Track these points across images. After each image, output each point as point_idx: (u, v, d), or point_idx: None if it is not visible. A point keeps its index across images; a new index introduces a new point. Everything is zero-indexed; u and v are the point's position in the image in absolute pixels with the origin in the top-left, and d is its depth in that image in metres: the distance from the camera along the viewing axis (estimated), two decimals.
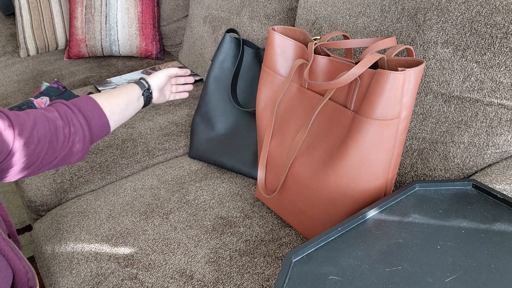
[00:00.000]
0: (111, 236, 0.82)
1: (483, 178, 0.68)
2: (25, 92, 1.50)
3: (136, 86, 0.86)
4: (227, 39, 1.01)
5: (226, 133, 1.03)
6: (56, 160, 0.70)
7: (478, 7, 0.68)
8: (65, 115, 0.71)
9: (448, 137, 0.75)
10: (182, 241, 0.79)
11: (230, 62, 1.03)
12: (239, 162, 0.97)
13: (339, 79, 0.60)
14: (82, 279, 0.74)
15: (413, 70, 0.59)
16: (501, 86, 0.68)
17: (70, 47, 1.67)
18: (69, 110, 0.72)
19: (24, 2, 1.67)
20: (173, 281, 0.72)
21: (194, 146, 1.05)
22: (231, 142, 1.02)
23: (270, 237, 0.80)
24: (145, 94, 0.86)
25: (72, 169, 1.05)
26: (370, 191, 0.66)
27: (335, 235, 0.54)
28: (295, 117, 0.74)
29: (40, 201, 1.00)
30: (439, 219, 0.55)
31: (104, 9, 1.62)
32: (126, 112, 0.83)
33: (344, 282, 0.47)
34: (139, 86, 0.86)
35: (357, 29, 0.85)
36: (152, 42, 1.66)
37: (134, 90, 0.85)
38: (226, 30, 1.02)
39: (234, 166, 0.98)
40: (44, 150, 0.67)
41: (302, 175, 0.72)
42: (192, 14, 1.47)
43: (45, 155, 0.67)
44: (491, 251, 0.50)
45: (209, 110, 1.04)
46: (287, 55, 0.74)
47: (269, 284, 0.71)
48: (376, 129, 0.61)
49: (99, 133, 0.77)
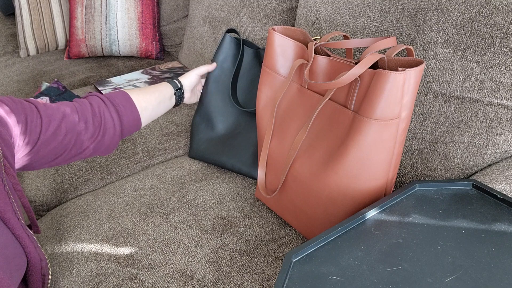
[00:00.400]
0: (111, 236, 0.82)
1: (483, 178, 0.68)
2: (25, 92, 1.50)
3: (169, 85, 0.87)
4: (227, 39, 1.01)
5: (226, 133, 1.03)
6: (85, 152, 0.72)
7: (478, 7, 0.68)
8: (98, 108, 0.73)
9: (448, 137, 0.75)
10: (182, 241, 0.79)
11: (230, 62, 1.03)
12: (239, 162, 0.97)
13: (339, 79, 0.60)
14: (82, 279, 0.74)
15: (413, 70, 0.59)
16: (501, 86, 0.68)
17: (70, 47, 1.67)
18: (102, 103, 0.74)
19: (24, 2, 1.67)
20: (173, 281, 0.72)
21: (194, 146, 1.05)
22: (231, 142, 1.01)
23: (270, 237, 0.80)
24: (177, 94, 0.88)
25: (72, 169, 1.05)
26: (370, 191, 0.66)
27: (335, 235, 0.54)
28: (295, 117, 0.74)
29: (40, 201, 1.00)
30: (439, 219, 0.55)
31: (104, 9, 1.62)
32: (158, 109, 0.84)
33: (344, 282, 0.47)
34: (172, 85, 0.88)
35: (357, 29, 0.85)
36: (152, 42, 1.66)
37: (167, 89, 0.87)
38: (226, 30, 1.02)
39: (234, 166, 0.97)
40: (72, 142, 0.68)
41: (302, 175, 0.72)
42: (192, 14, 1.47)
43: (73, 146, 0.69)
44: (491, 251, 0.50)
45: (209, 110, 1.04)
46: (287, 55, 0.74)
47: (269, 284, 0.71)
48: (376, 129, 0.61)
49: (130, 128, 0.78)
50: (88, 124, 0.70)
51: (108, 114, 0.74)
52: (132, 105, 0.78)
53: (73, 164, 1.06)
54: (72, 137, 0.68)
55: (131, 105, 0.78)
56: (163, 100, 0.85)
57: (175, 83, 0.89)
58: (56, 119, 0.66)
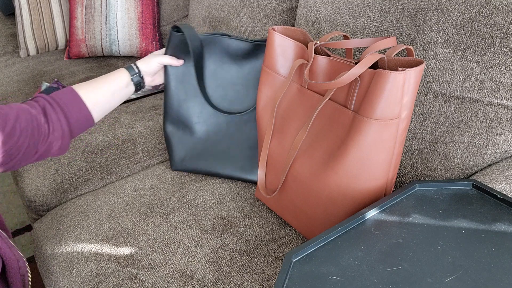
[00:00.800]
0: (111, 236, 0.82)
1: (483, 178, 0.68)
2: (25, 92, 1.50)
3: (125, 72, 0.83)
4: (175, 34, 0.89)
5: (210, 138, 0.95)
6: (37, 154, 0.70)
7: (478, 7, 0.68)
8: (44, 110, 0.70)
9: (448, 137, 0.75)
10: (182, 241, 0.79)
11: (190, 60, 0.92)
12: (236, 169, 0.93)
13: (339, 79, 0.60)
14: (82, 279, 0.74)
15: (413, 70, 0.59)
16: (501, 86, 0.68)
17: (70, 47, 1.67)
18: (48, 105, 0.71)
19: (24, 2, 1.67)
20: (173, 281, 0.72)
21: (175, 158, 0.98)
22: (219, 147, 0.95)
23: (270, 237, 0.80)
24: (134, 80, 0.84)
25: (72, 169, 1.05)
26: (370, 191, 0.66)
27: (335, 235, 0.54)
28: (295, 117, 0.74)
29: (40, 201, 1.00)
30: (439, 219, 0.55)
31: (104, 9, 1.62)
32: (113, 99, 0.81)
33: (344, 282, 0.47)
34: (129, 71, 0.84)
35: (357, 29, 0.85)
36: (152, 42, 1.66)
37: (123, 77, 0.82)
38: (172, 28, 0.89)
39: (232, 174, 0.93)
40: (25, 143, 0.66)
41: (302, 175, 0.72)
42: (192, 14, 1.47)
43: (27, 148, 0.67)
44: (491, 251, 0.50)
45: (181, 114, 0.95)
46: (287, 55, 0.74)
47: (269, 284, 0.71)
48: (376, 129, 0.61)
49: (81, 126, 0.75)
50: (40, 126, 0.68)
51: (55, 115, 0.71)
52: (80, 103, 0.74)
53: (73, 164, 1.06)
54: (26, 138, 0.66)
55: (79, 103, 0.74)
56: (118, 89, 0.81)
57: (132, 68, 0.84)
58: (11, 119, 0.64)
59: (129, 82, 0.83)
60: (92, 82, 0.79)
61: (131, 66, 0.85)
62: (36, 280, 1.32)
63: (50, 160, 1.07)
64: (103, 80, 0.80)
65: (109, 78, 0.81)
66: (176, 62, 0.90)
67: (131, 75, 0.83)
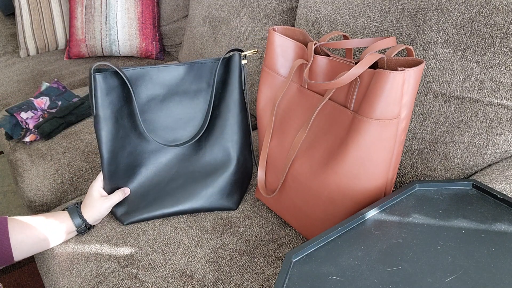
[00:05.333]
0: (111, 236, 0.82)
1: (483, 178, 0.68)
2: (25, 92, 1.50)
3: (69, 223, 0.78)
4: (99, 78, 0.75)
5: (165, 177, 0.85)
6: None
7: (478, 7, 0.68)
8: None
9: (448, 137, 0.75)
10: (182, 241, 0.79)
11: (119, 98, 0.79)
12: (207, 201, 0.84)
13: (339, 79, 0.60)
14: (82, 279, 0.74)
15: (413, 70, 0.59)
16: (501, 86, 0.68)
17: (70, 47, 1.67)
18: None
19: (24, 2, 1.67)
20: (173, 281, 0.72)
21: (128, 211, 0.84)
22: (177, 183, 0.85)
23: (270, 237, 0.80)
24: (79, 231, 0.80)
25: (72, 169, 1.05)
26: (370, 191, 0.66)
27: (335, 235, 0.54)
28: (295, 117, 0.74)
29: (40, 201, 1.00)
30: (439, 219, 0.55)
31: (104, 9, 1.62)
32: (44, 243, 0.75)
33: (344, 282, 0.47)
34: (75, 223, 0.79)
35: (357, 29, 0.85)
36: (152, 42, 1.66)
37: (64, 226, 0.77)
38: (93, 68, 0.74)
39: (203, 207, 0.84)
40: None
41: (302, 175, 0.72)
42: (192, 14, 1.47)
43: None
44: (491, 251, 0.50)
45: (123, 163, 0.82)
46: (287, 55, 0.74)
47: (269, 284, 0.71)
48: (376, 129, 0.61)
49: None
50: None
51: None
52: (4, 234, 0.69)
53: (73, 164, 1.06)
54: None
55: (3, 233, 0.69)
56: (56, 237, 0.76)
57: (79, 221, 0.79)
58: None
59: (73, 232, 0.80)
60: (30, 219, 0.74)
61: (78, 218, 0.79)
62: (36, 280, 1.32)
63: (50, 160, 1.07)
64: (42, 222, 0.75)
65: (50, 225, 0.76)
66: (123, 194, 0.84)
67: (77, 226, 0.79)
